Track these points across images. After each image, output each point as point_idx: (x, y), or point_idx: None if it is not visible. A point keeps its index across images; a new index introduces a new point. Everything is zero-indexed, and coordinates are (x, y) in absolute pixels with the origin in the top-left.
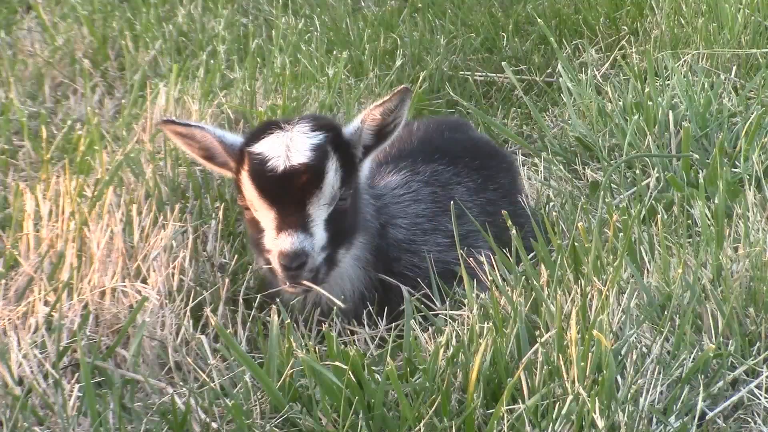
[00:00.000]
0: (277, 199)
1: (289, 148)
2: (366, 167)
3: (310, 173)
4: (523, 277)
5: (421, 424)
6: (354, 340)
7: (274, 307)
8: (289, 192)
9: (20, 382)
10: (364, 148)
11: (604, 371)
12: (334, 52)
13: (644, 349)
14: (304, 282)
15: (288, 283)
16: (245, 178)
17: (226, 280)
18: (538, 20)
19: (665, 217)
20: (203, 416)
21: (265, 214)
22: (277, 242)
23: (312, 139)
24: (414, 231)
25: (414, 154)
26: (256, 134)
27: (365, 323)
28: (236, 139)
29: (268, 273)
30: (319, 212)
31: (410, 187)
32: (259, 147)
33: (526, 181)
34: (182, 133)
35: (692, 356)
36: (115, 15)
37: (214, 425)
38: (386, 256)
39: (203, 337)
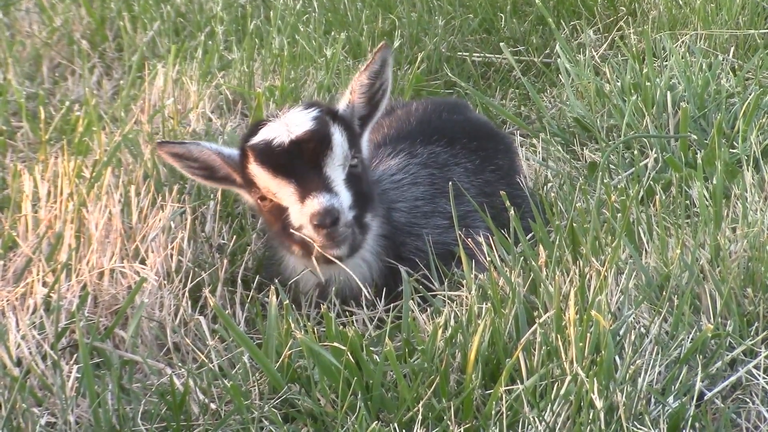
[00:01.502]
0: (292, 170)
1: (289, 125)
2: (365, 145)
3: (317, 138)
4: (522, 257)
5: (420, 405)
6: (352, 321)
7: (272, 287)
8: (302, 160)
9: (19, 363)
10: (361, 120)
11: (603, 352)
12: (332, 33)
13: (642, 329)
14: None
15: (327, 243)
16: (254, 168)
17: (225, 261)
18: (536, 1)
19: (663, 197)
20: (202, 397)
21: (284, 192)
22: (305, 209)
23: (310, 114)
24: (414, 214)
25: (412, 135)
26: (252, 130)
27: (363, 304)
28: (233, 150)
29: (299, 254)
30: (336, 173)
31: (408, 170)
32: (260, 136)
33: (525, 161)
34: (179, 153)
35: (690, 337)
36: None
37: (213, 406)
38: (394, 240)
39: (202, 318)
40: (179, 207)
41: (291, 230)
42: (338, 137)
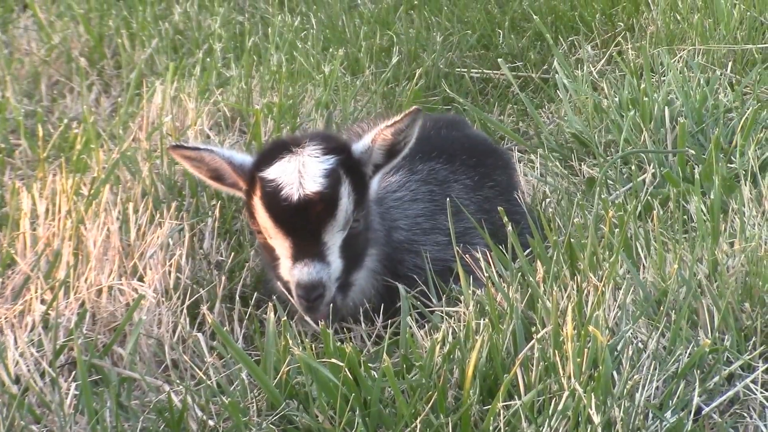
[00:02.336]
0: (293, 228)
1: (302, 174)
2: (376, 182)
3: (325, 202)
4: (519, 273)
5: (418, 421)
6: (350, 337)
7: (270, 304)
8: (304, 221)
9: (17, 380)
10: (374, 166)
11: (600, 367)
12: (330, 50)
13: (640, 344)
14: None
15: (304, 310)
16: (258, 204)
17: (223, 278)
18: (534, 17)
19: (661, 212)
20: (200, 414)
21: (279, 243)
22: (294, 272)
23: (324, 164)
24: (414, 231)
25: (411, 152)
26: (267, 157)
27: (362, 320)
28: (245, 158)
29: (280, 291)
30: (334, 239)
31: (409, 187)
32: (272, 173)
33: (523, 177)
34: (191, 157)
35: (688, 351)
36: (112, 13)
37: (211, 423)
38: (392, 259)
39: (200, 335)
40: (177, 224)
41: (279, 275)
42: (345, 202)
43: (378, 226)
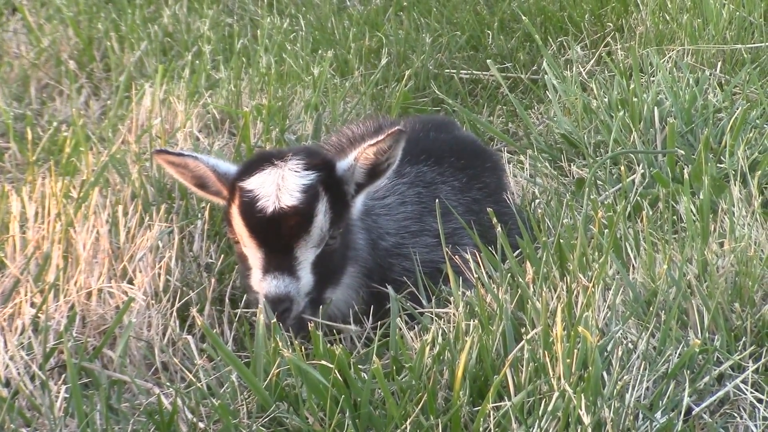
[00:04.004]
0: (265, 240)
1: (280, 187)
2: (360, 201)
3: (299, 216)
4: (509, 274)
5: (408, 422)
6: (340, 339)
7: (260, 306)
8: (277, 234)
9: (7, 383)
10: (357, 185)
11: (590, 367)
12: (320, 51)
13: (630, 345)
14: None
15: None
16: (235, 213)
17: (213, 280)
18: (523, 18)
19: (650, 213)
20: (190, 416)
21: (253, 253)
22: (263, 284)
23: (303, 179)
24: (402, 235)
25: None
26: (249, 168)
27: (351, 322)
28: (229, 167)
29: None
30: (306, 255)
31: (397, 191)
32: (251, 183)
33: (512, 178)
34: (175, 163)
35: (678, 352)
36: (101, 16)
37: (201, 425)
38: (380, 267)
39: (190, 337)
40: (167, 226)
41: (251, 286)
42: (320, 219)
43: (362, 242)
